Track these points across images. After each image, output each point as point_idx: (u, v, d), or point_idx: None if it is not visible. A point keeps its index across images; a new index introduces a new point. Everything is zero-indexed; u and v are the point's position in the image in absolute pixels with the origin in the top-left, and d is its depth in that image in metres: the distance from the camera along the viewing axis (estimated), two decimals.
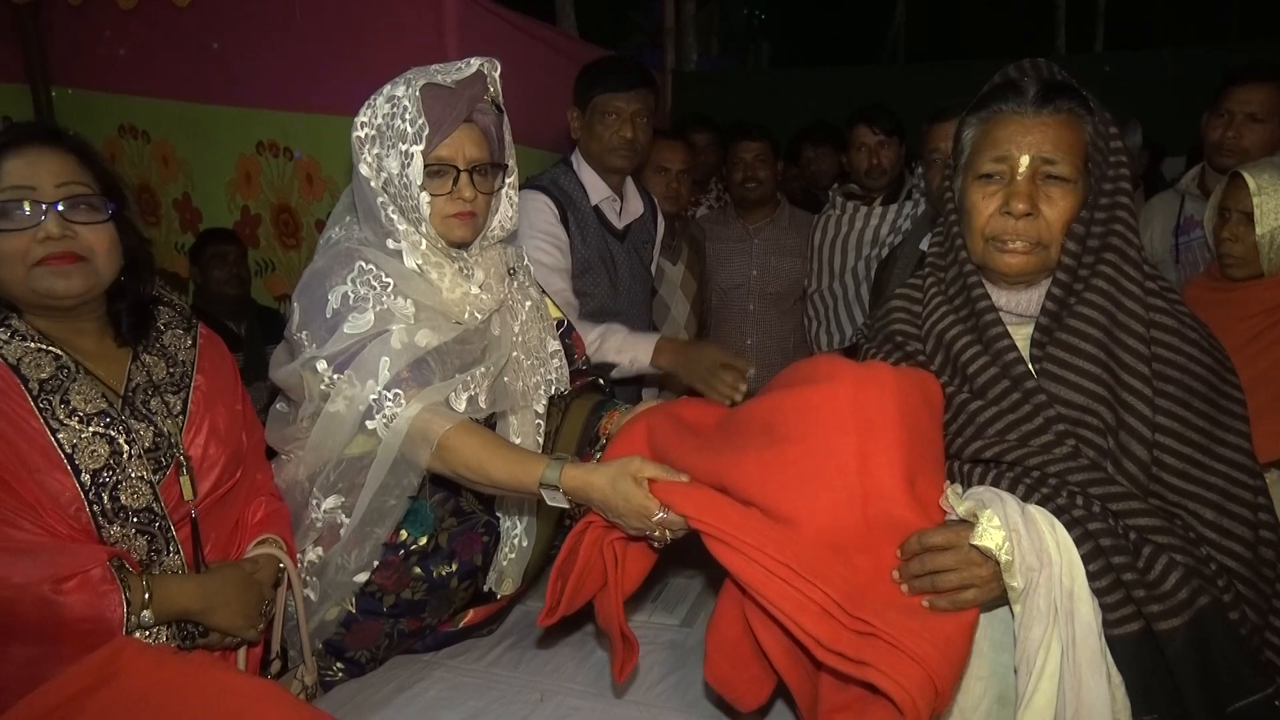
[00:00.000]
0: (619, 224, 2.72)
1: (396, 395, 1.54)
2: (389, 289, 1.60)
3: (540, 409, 1.89)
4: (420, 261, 1.65)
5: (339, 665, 1.75)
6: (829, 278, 3.37)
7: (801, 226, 3.56)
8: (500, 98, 1.70)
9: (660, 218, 2.97)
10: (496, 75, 1.67)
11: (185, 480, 1.51)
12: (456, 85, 1.61)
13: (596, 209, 2.65)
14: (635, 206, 2.78)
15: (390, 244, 1.65)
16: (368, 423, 1.55)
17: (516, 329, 1.85)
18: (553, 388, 1.93)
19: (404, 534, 1.70)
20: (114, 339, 1.53)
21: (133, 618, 1.35)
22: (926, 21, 12.93)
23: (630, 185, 2.78)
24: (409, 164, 1.58)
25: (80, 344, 1.48)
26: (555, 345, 1.97)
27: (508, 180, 1.76)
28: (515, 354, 1.84)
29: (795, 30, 15.43)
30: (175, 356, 1.59)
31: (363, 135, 1.63)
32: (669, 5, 7.18)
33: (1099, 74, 5.16)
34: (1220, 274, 2.28)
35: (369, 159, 1.63)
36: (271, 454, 1.80)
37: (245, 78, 3.65)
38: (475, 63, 1.63)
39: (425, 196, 1.60)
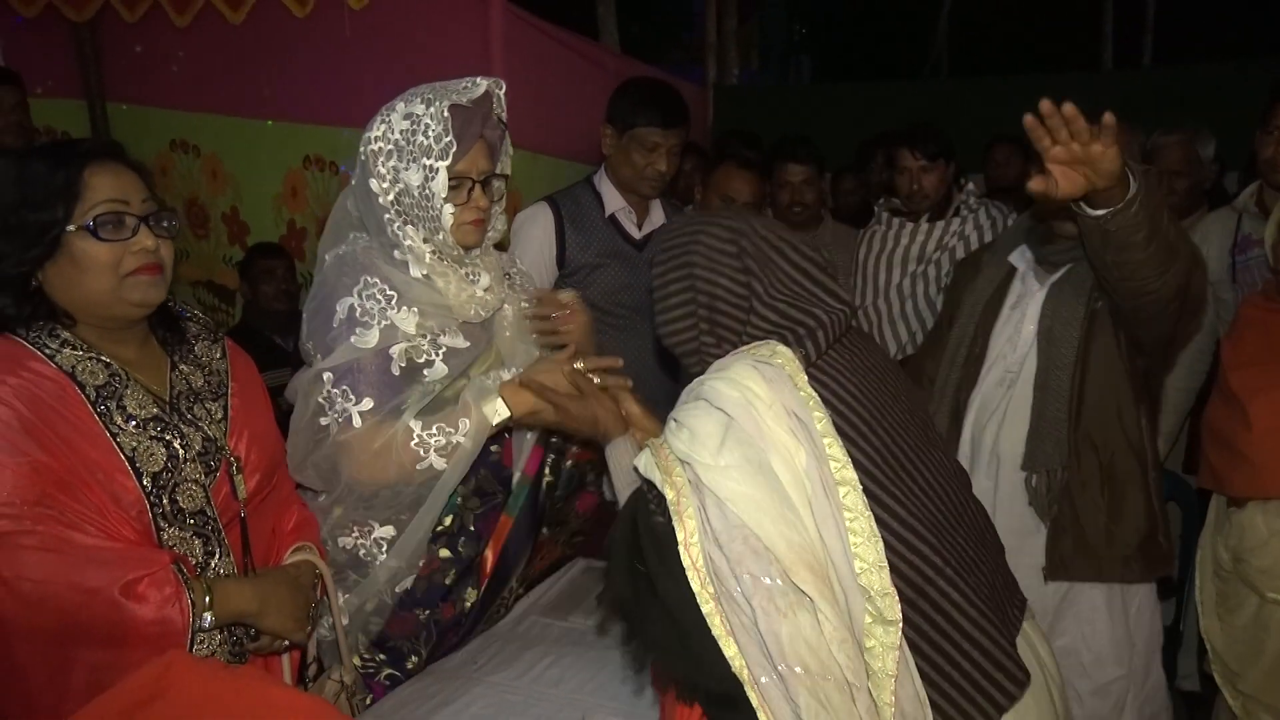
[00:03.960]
0: (638, 234, 2.75)
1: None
2: (393, 301, 1.69)
3: None
4: (425, 271, 1.75)
5: (381, 656, 1.79)
6: (873, 294, 3.33)
7: (844, 242, 3.52)
8: (504, 113, 1.83)
9: None
10: (502, 94, 1.81)
11: (239, 479, 1.55)
12: (472, 104, 1.72)
13: (612, 218, 2.71)
14: (657, 217, 2.82)
15: (396, 254, 1.74)
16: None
17: (506, 327, 1.94)
18: None
19: None
20: (154, 348, 1.57)
21: (196, 620, 1.37)
22: (970, 35, 12.81)
23: (656, 203, 2.82)
24: (433, 177, 1.68)
25: (125, 354, 1.51)
26: (535, 351, 2.00)
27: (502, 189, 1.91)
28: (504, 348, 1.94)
29: (837, 45, 15.39)
30: (210, 366, 1.63)
31: (376, 149, 1.71)
32: (710, 20, 7.20)
33: (1148, 89, 5.09)
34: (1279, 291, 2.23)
35: (383, 171, 1.71)
36: None
37: (294, 93, 3.71)
38: (483, 82, 1.74)
39: (449, 208, 1.70)
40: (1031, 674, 1.38)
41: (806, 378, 1.27)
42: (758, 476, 1.14)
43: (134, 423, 1.44)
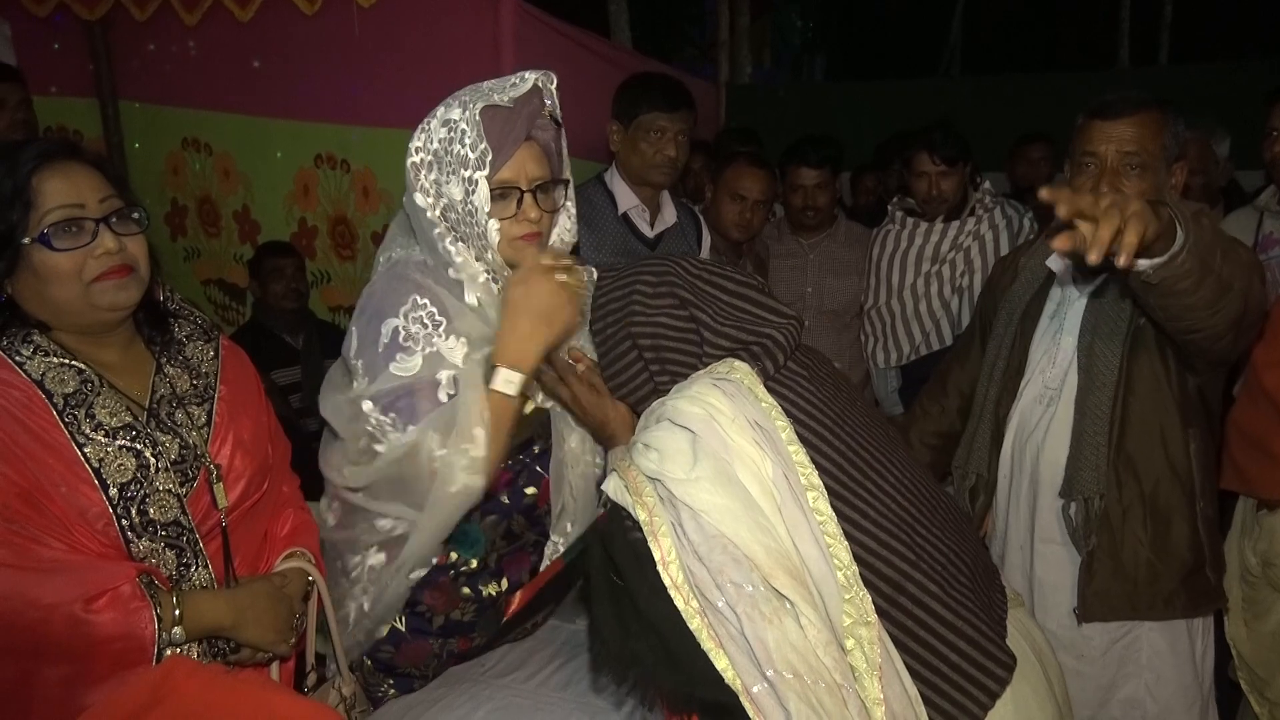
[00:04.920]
0: (650, 232, 2.74)
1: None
2: (441, 328, 1.53)
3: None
4: (481, 295, 1.57)
5: (390, 682, 1.74)
6: (886, 294, 3.31)
7: (858, 242, 3.50)
8: (558, 110, 1.64)
9: (706, 231, 2.95)
10: (553, 87, 1.59)
11: (218, 487, 1.50)
12: (514, 103, 1.53)
13: (625, 217, 2.69)
14: (669, 215, 2.81)
15: (450, 273, 1.58)
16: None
17: None
18: None
19: (454, 555, 1.68)
20: (139, 350, 1.53)
21: (164, 634, 1.34)
22: (984, 33, 12.73)
23: (665, 196, 2.80)
24: (473, 191, 1.50)
25: (105, 358, 1.47)
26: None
27: (566, 194, 1.71)
28: None
29: (849, 43, 15.33)
30: (198, 368, 1.58)
31: (418, 161, 1.56)
32: (723, 18, 7.17)
33: (1164, 88, 5.03)
34: None
35: (426, 185, 1.56)
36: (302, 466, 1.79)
37: (305, 92, 3.71)
38: (530, 77, 1.55)
39: (494, 224, 1.53)
40: (1027, 660, 1.37)
41: (765, 389, 1.32)
42: (729, 487, 1.18)
43: (103, 431, 1.40)
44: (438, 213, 1.56)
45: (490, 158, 1.49)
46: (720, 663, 1.14)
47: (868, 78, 12.53)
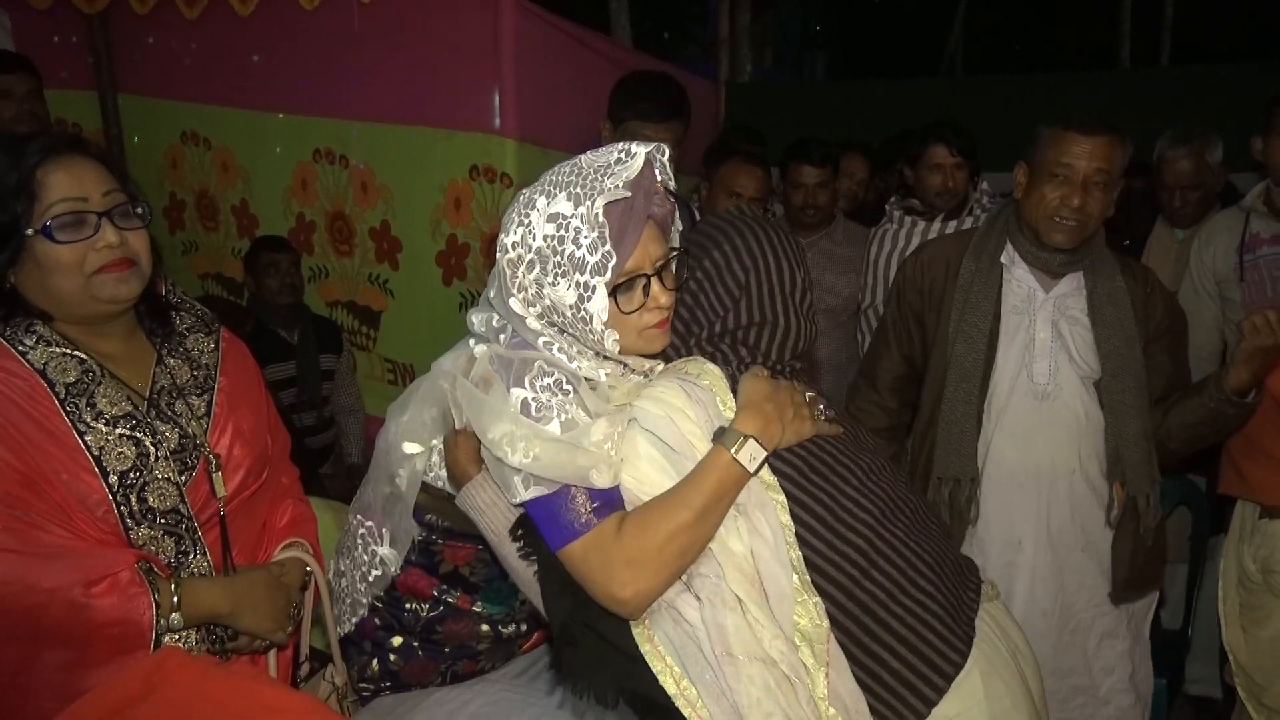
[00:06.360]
0: None
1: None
2: (569, 398, 1.33)
3: None
4: (607, 372, 1.38)
5: (387, 686, 1.74)
6: (884, 292, 3.31)
7: (856, 241, 3.50)
8: (671, 179, 1.41)
9: None
10: (664, 159, 1.37)
11: (217, 476, 1.53)
12: (631, 188, 1.32)
13: None
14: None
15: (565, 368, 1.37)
16: None
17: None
18: None
19: (478, 607, 1.64)
20: (140, 341, 1.55)
21: (162, 620, 1.36)
22: (985, 33, 12.72)
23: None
24: (590, 298, 1.29)
25: (106, 348, 1.49)
26: None
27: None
28: None
29: (851, 42, 15.32)
30: (198, 360, 1.60)
31: (515, 257, 1.35)
32: (724, 15, 7.17)
33: (1166, 89, 5.03)
34: None
35: (526, 284, 1.35)
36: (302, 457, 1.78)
37: (304, 86, 3.71)
38: (639, 152, 1.33)
39: (612, 335, 1.33)
40: (1000, 657, 1.40)
41: (731, 397, 1.37)
42: None
43: (104, 420, 1.42)
44: (537, 315, 1.37)
45: (614, 263, 1.29)
46: (656, 665, 1.23)
47: (869, 76, 12.53)
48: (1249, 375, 1.97)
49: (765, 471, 1.34)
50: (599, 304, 1.29)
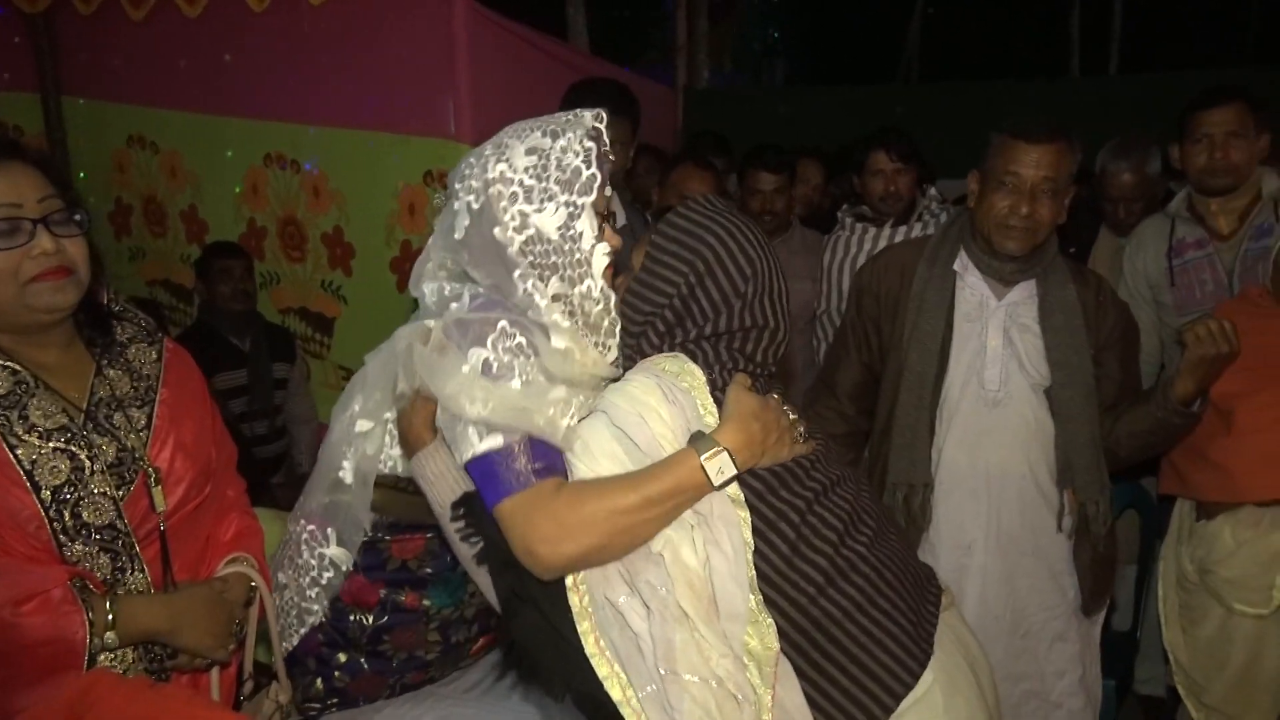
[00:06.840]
0: None
1: None
2: (531, 360, 1.35)
3: None
4: (568, 342, 1.39)
5: (334, 703, 1.70)
6: (838, 298, 3.33)
7: (812, 248, 3.51)
8: (608, 146, 1.48)
9: None
10: (603, 126, 1.45)
11: (157, 491, 1.49)
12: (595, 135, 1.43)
13: None
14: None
15: (531, 314, 1.41)
16: None
17: None
18: None
19: (427, 602, 1.62)
20: (79, 351, 1.51)
21: (96, 639, 1.33)
22: (941, 41, 12.91)
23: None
24: (579, 215, 1.38)
25: (42, 359, 1.45)
26: None
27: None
28: None
29: (809, 48, 15.44)
30: (139, 370, 1.57)
31: (497, 192, 1.39)
32: (681, 22, 7.18)
33: (1114, 97, 5.13)
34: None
35: (507, 220, 1.39)
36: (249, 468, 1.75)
37: (254, 89, 3.65)
38: (586, 112, 1.44)
39: (603, 249, 1.40)
40: (959, 669, 1.41)
41: (712, 401, 1.36)
42: None
43: (37, 433, 1.39)
44: (517, 248, 1.40)
45: (599, 182, 1.39)
46: (602, 670, 1.22)
47: (827, 83, 12.62)
48: (1194, 385, 2.00)
49: (732, 487, 1.33)
50: (588, 221, 1.38)
